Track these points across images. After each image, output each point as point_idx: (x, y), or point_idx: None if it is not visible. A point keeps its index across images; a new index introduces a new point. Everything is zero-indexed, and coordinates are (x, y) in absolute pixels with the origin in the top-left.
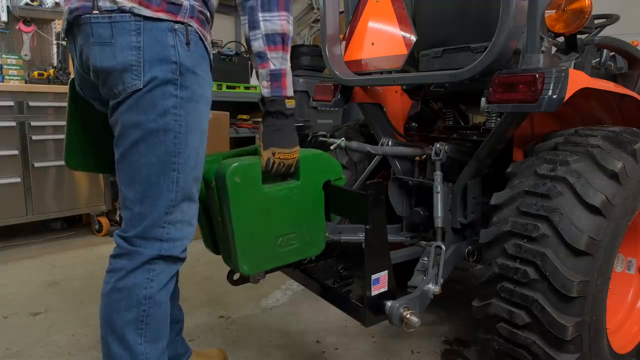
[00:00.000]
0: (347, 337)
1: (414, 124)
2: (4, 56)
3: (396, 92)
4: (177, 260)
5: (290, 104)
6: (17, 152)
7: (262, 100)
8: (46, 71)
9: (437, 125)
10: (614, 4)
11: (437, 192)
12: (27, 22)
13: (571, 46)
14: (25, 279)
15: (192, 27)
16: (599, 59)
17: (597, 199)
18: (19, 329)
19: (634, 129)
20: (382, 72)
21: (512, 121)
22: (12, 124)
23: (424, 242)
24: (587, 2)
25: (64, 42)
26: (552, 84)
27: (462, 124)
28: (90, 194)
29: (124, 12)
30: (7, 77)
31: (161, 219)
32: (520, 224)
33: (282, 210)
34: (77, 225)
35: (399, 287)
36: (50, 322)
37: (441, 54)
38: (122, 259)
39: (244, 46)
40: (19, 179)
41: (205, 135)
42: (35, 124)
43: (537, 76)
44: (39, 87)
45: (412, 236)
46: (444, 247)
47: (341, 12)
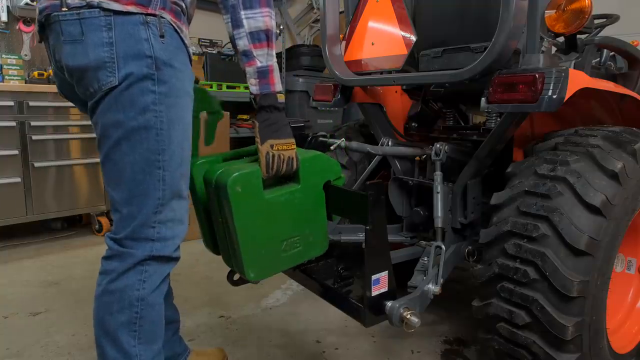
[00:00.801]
0: (347, 337)
1: (414, 124)
2: (4, 56)
3: (396, 92)
4: (169, 260)
5: (280, 99)
6: (17, 152)
7: (253, 97)
8: (46, 71)
9: (437, 125)
10: (614, 4)
11: (437, 192)
12: (27, 22)
13: (571, 46)
14: (25, 279)
15: (165, 18)
16: (599, 59)
17: (597, 199)
18: (19, 329)
19: (634, 129)
20: (382, 72)
21: (512, 121)
22: (12, 124)
23: (424, 242)
24: (587, 2)
25: None
26: (552, 84)
27: (462, 124)
28: (90, 194)
29: (93, 7)
30: (7, 77)
31: (150, 219)
32: (520, 224)
33: (284, 214)
34: (77, 225)
35: (399, 287)
36: (50, 322)
37: (441, 54)
38: (114, 260)
39: None
40: (19, 179)
41: (188, 128)
42: (35, 124)
43: (537, 76)
44: (39, 87)
45: (412, 236)
46: (444, 247)
47: (341, 12)
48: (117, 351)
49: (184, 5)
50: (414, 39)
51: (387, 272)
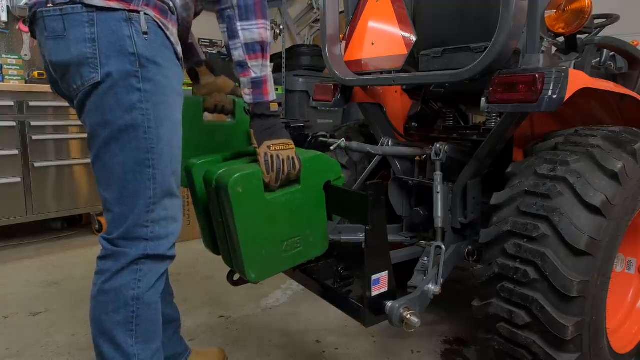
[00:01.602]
0: (347, 337)
1: (414, 124)
2: (4, 56)
3: (396, 92)
4: (164, 258)
5: (273, 108)
6: (17, 152)
7: (247, 107)
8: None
9: (437, 125)
10: (614, 4)
11: (437, 192)
12: (27, 22)
13: (571, 46)
14: (25, 279)
15: (148, 15)
16: (599, 59)
17: (597, 199)
18: (19, 329)
19: (634, 129)
20: (382, 72)
21: (512, 121)
22: (12, 123)
23: (424, 242)
24: (587, 2)
25: None
26: (552, 84)
27: (462, 124)
28: (90, 193)
29: (75, 3)
30: (7, 77)
31: (143, 218)
32: (520, 224)
33: (285, 215)
34: (77, 225)
35: (399, 287)
36: (50, 322)
37: (441, 54)
38: (108, 260)
39: None
40: (19, 179)
41: (178, 126)
42: (35, 123)
43: (537, 76)
44: (39, 87)
45: (412, 236)
46: (444, 247)
47: (341, 12)
48: (115, 350)
49: (171, 3)
50: (414, 39)
51: (387, 272)
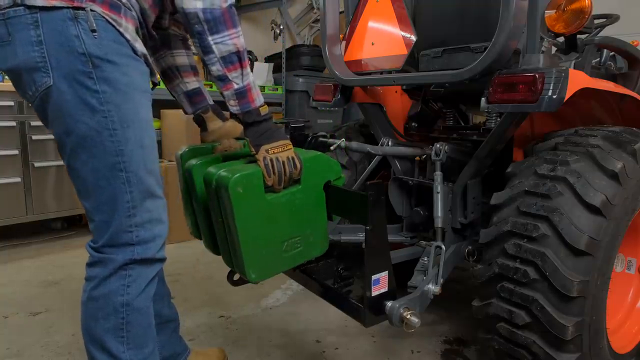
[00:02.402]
0: (347, 337)
1: (414, 124)
2: None
3: (396, 92)
4: (153, 262)
5: (264, 111)
6: (17, 151)
7: (237, 116)
8: None
9: (437, 125)
10: (614, 4)
11: (437, 192)
12: None
13: (571, 46)
14: (25, 279)
15: (95, 11)
16: (599, 59)
17: (597, 199)
18: (19, 329)
19: (634, 129)
20: (382, 72)
21: (512, 121)
22: (12, 123)
23: (424, 242)
24: (587, 2)
25: None
26: (552, 84)
27: (462, 124)
28: None
29: (18, 5)
30: (7, 77)
31: (125, 223)
32: (520, 224)
33: (285, 215)
34: (77, 225)
35: (399, 287)
36: (50, 321)
37: (441, 54)
38: (96, 267)
39: None
40: (19, 179)
41: (147, 125)
42: (35, 123)
43: (537, 76)
44: None
45: (412, 236)
46: (444, 247)
47: (341, 12)
48: (107, 357)
49: None
50: (414, 39)
51: (387, 272)
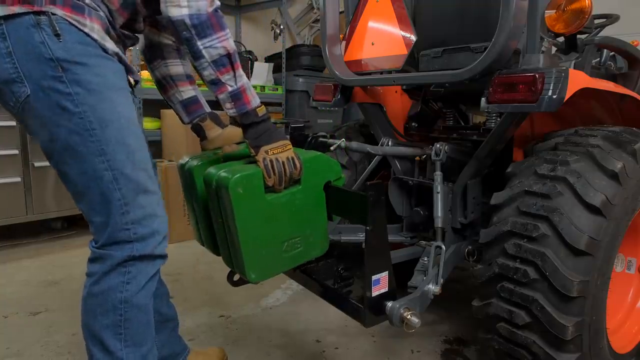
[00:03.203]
0: (348, 337)
1: (414, 124)
2: None
3: (396, 92)
4: (154, 258)
5: (261, 112)
6: (17, 151)
7: (234, 118)
8: None
9: (437, 125)
10: (614, 4)
11: (437, 192)
12: None
13: (571, 46)
14: (25, 279)
15: (57, 15)
16: (599, 59)
17: (597, 199)
18: (19, 329)
19: (634, 129)
20: (382, 72)
21: (512, 121)
22: (12, 123)
23: (424, 242)
24: (587, 2)
25: None
26: (552, 84)
27: (462, 124)
28: None
29: None
30: None
31: (121, 221)
32: (520, 223)
33: (285, 215)
34: (77, 224)
35: (399, 287)
36: (50, 321)
37: (441, 54)
38: (96, 263)
39: (243, 46)
40: (19, 179)
41: (129, 121)
42: None
43: (537, 76)
44: None
45: (412, 236)
46: (444, 247)
47: (341, 12)
48: (105, 354)
49: None
50: (414, 39)
51: (387, 272)
